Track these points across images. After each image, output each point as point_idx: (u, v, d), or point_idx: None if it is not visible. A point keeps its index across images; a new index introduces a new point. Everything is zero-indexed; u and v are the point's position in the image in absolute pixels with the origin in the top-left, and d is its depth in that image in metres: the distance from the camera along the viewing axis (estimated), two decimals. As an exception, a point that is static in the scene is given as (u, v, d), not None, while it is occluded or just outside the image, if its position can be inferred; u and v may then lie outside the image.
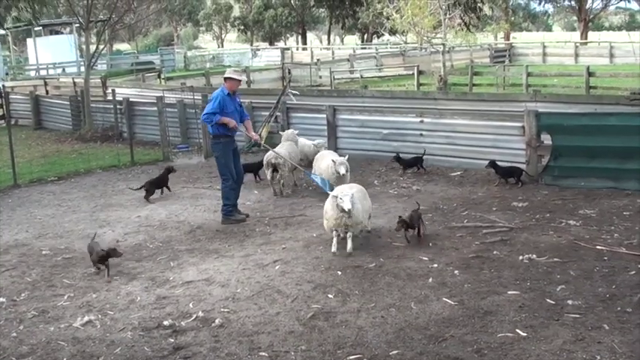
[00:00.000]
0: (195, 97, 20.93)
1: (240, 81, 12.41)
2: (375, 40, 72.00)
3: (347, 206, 9.68)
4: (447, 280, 8.75)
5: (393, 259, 9.67)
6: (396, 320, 7.63)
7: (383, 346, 7.01)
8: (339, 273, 9.22)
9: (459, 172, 15.04)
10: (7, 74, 50.38)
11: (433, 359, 6.68)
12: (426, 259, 9.58)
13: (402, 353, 6.84)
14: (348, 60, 44.75)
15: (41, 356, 7.28)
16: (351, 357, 6.83)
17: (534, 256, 9.43)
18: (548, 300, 7.94)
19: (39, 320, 8.24)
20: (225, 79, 12.31)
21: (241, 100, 12.81)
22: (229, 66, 51.78)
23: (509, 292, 8.23)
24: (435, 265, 9.32)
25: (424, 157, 15.33)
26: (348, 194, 9.83)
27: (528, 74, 31.60)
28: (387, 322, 7.59)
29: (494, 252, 9.77)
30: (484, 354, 6.71)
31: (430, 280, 8.80)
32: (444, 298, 8.16)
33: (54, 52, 52.75)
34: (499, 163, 14.01)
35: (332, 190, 11.02)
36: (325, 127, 17.90)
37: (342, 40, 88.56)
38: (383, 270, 9.22)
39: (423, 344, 7.01)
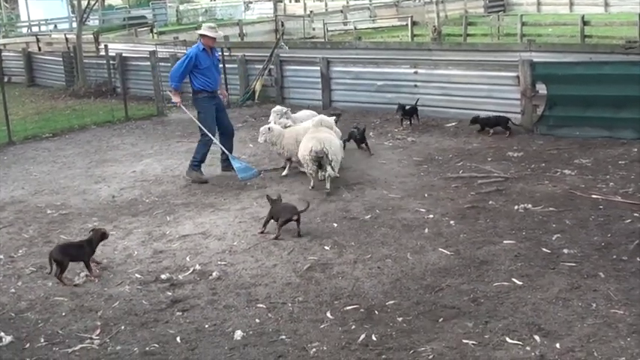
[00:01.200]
0: (189, 51, 20.78)
1: (214, 38, 12.21)
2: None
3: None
4: (443, 231, 8.78)
5: (388, 210, 9.69)
6: (393, 271, 7.67)
7: (379, 297, 7.06)
8: (335, 225, 9.25)
9: (453, 123, 15.00)
10: (-2, 31, 49.96)
11: (429, 309, 6.73)
12: (422, 210, 9.60)
13: (398, 303, 6.89)
14: (342, 11, 44.31)
15: (40, 311, 7.32)
16: (348, 307, 6.88)
17: (530, 205, 9.45)
18: (543, 249, 7.98)
19: (37, 276, 8.27)
20: (201, 35, 12.17)
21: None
22: (222, 19, 51.48)
23: (504, 242, 8.27)
24: (431, 216, 9.34)
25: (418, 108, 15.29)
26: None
27: (523, 24, 31.39)
28: (383, 273, 7.63)
29: (490, 202, 9.79)
30: (480, 303, 6.76)
31: (426, 230, 8.83)
32: (440, 249, 8.20)
33: (45, 9, 52.25)
34: (493, 114, 14.06)
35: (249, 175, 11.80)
36: (319, 80, 17.81)
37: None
38: (379, 221, 9.25)
39: (419, 294, 7.06)
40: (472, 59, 17.08)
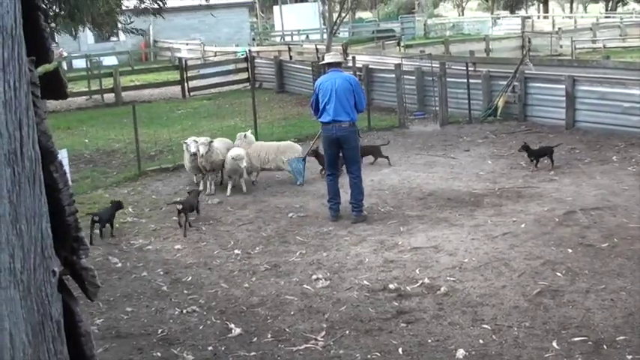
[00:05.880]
0: (434, 65, 20.88)
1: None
2: (619, 9, 68.11)
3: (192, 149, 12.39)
4: (688, 267, 8.23)
5: (627, 239, 9.20)
6: (626, 305, 7.29)
7: (610, 331, 6.74)
8: (570, 251, 8.93)
9: None
10: (253, 39, 52.88)
11: (665, 349, 6.34)
12: (665, 242, 9.06)
13: (629, 340, 6.53)
14: (591, 29, 42.75)
15: (270, 308, 7.68)
16: (576, 339, 6.62)
17: None
18: None
19: (270, 274, 8.69)
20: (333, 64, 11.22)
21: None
22: (469, 34, 51.22)
23: None
24: (675, 250, 8.79)
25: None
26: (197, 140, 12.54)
27: None
28: (616, 306, 7.27)
29: None
30: None
31: (668, 265, 8.32)
32: (683, 286, 7.69)
33: (298, 20, 54.89)
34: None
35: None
36: (563, 99, 17.26)
37: (585, 9, 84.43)
38: (616, 251, 8.82)
39: (654, 332, 6.68)
40: None
